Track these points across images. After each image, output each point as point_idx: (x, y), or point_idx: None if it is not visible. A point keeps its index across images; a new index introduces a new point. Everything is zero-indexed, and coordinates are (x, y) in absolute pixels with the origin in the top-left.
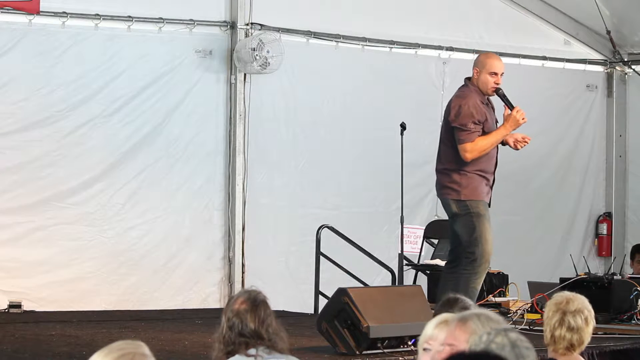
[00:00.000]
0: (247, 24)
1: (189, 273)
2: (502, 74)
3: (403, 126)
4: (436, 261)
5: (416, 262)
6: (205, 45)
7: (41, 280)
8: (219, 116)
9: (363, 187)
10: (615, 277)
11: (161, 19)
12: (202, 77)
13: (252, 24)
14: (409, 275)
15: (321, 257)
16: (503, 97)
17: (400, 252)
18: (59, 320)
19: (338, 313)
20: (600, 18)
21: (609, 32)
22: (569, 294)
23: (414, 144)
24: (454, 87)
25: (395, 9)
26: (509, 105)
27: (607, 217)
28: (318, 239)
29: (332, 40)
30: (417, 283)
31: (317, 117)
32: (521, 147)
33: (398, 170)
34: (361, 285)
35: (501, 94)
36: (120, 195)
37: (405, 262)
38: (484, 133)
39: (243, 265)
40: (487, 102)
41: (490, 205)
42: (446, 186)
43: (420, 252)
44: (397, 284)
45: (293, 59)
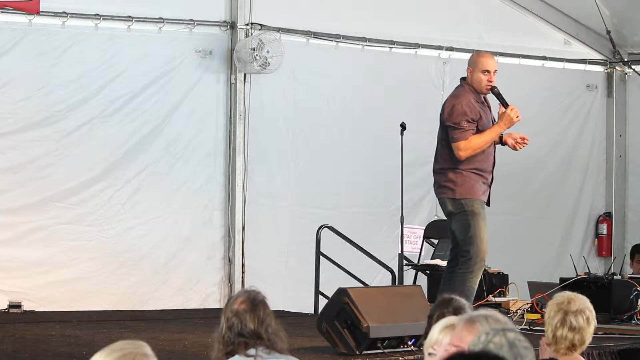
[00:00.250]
0: (247, 24)
1: (189, 273)
2: (495, 71)
3: (403, 126)
4: (436, 261)
5: (416, 262)
6: (205, 45)
7: (41, 280)
8: (219, 116)
9: (363, 187)
10: (615, 277)
11: (161, 19)
12: (202, 77)
13: (252, 24)
14: (409, 275)
15: (321, 257)
16: (498, 96)
17: (400, 252)
18: (59, 320)
19: (338, 313)
20: (600, 18)
21: (609, 32)
22: (571, 293)
23: (414, 144)
24: (454, 87)
25: (395, 9)
26: (504, 104)
27: (607, 217)
28: (318, 239)
29: (332, 40)
30: (417, 283)
31: (317, 117)
32: (520, 148)
33: (398, 170)
34: (361, 285)
35: (496, 92)
36: (120, 195)
37: (405, 262)
38: (478, 131)
39: (243, 265)
40: (483, 101)
41: (489, 204)
42: (442, 185)
43: (420, 252)
44: (397, 284)
45: (293, 59)
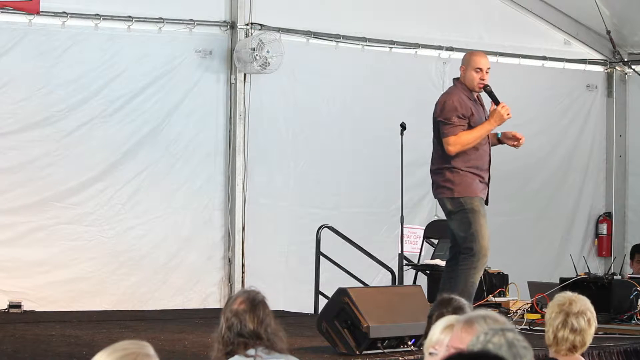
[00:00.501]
0: (247, 24)
1: (189, 273)
2: (488, 70)
3: (403, 126)
4: (436, 261)
5: (416, 262)
6: (205, 45)
7: (41, 280)
8: (219, 116)
9: (363, 187)
10: (615, 277)
11: (161, 19)
12: (202, 77)
13: (252, 24)
14: (409, 275)
15: (321, 257)
16: (490, 94)
17: (400, 252)
18: (59, 320)
19: (338, 313)
20: (600, 18)
21: (609, 32)
22: (571, 294)
23: (413, 144)
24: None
25: (395, 9)
26: (495, 101)
27: (607, 217)
28: (318, 239)
29: (332, 40)
30: (417, 283)
31: (317, 117)
32: (520, 145)
33: (398, 170)
34: (361, 285)
35: (488, 90)
36: (120, 195)
37: (405, 262)
38: (470, 128)
39: (243, 265)
40: (476, 99)
41: (487, 203)
42: (440, 185)
43: (420, 252)
44: (397, 284)
45: (293, 59)
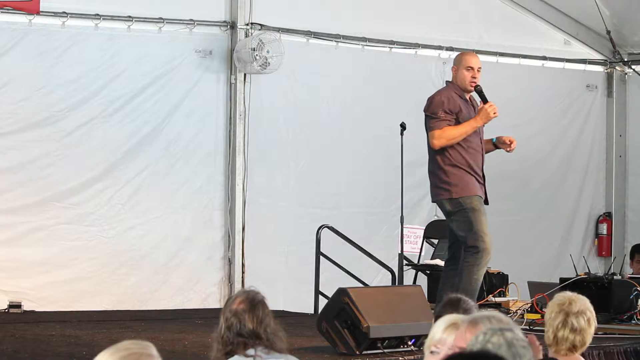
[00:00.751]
0: (247, 24)
1: (189, 273)
2: (479, 69)
3: (403, 126)
4: (436, 261)
5: (416, 262)
6: (205, 45)
7: (41, 280)
8: (219, 116)
9: (363, 187)
10: (615, 277)
11: (161, 19)
12: (202, 77)
13: (252, 24)
14: (409, 275)
15: (321, 257)
16: (480, 93)
17: (400, 252)
18: (59, 320)
19: (338, 313)
20: (600, 18)
21: (609, 32)
22: (571, 294)
23: (413, 144)
24: None
25: (395, 9)
26: (484, 100)
27: (607, 217)
28: (318, 239)
29: (332, 40)
30: (417, 283)
31: (317, 117)
32: (513, 148)
33: (398, 170)
34: (361, 285)
35: (478, 89)
36: (120, 195)
37: (405, 262)
38: (458, 124)
39: (243, 265)
40: (467, 99)
41: (487, 202)
42: (437, 187)
43: (420, 252)
44: (397, 284)
45: (293, 59)
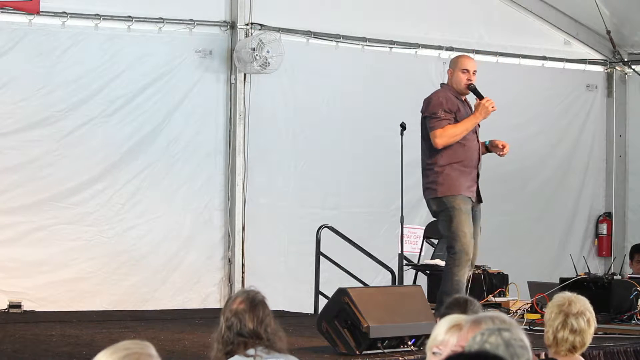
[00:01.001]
0: (247, 24)
1: (189, 273)
2: (475, 72)
3: (403, 126)
4: (436, 261)
5: (416, 262)
6: (205, 45)
7: (41, 280)
8: (219, 116)
9: (363, 187)
10: (615, 277)
11: (161, 19)
12: (202, 77)
13: (252, 24)
14: (409, 275)
15: (321, 257)
16: (474, 91)
17: (400, 252)
18: (59, 320)
19: (338, 313)
20: (600, 18)
21: (609, 32)
22: (571, 295)
23: (414, 144)
24: None
25: (395, 9)
26: (480, 97)
27: (607, 217)
28: (318, 239)
29: (332, 40)
30: (417, 283)
31: (317, 117)
32: (506, 153)
33: (398, 170)
34: (361, 285)
35: (472, 87)
36: (120, 195)
37: (405, 262)
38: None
39: (243, 265)
40: (463, 100)
41: (481, 200)
42: (426, 186)
43: (420, 252)
44: (397, 284)
45: (293, 59)
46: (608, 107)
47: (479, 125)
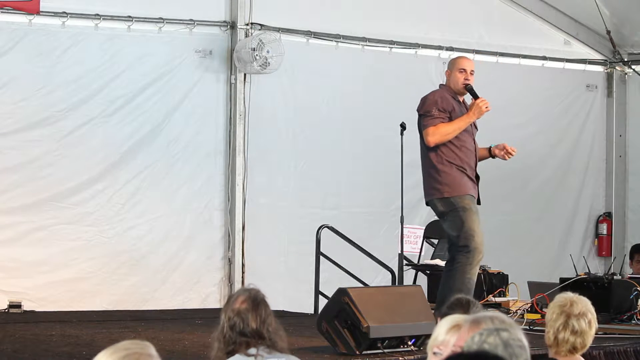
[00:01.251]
0: (247, 24)
1: (189, 273)
2: (472, 72)
3: (403, 126)
4: (436, 261)
5: (416, 262)
6: (205, 45)
7: (41, 280)
8: (219, 116)
9: (363, 187)
10: (615, 277)
11: (161, 19)
12: (202, 77)
13: (252, 24)
14: (409, 275)
15: (321, 257)
16: (470, 91)
17: (400, 252)
18: (59, 320)
19: (338, 313)
20: (600, 18)
21: (609, 32)
22: (572, 295)
23: (414, 144)
24: None
25: (395, 9)
26: (475, 97)
27: (607, 217)
28: (318, 239)
29: (332, 40)
30: (417, 283)
31: (317, 117)
32: (509, 157)
33: (398, 170)
34: (361, 285)
35: (469, 88)
36: (120, 195)
37: (405, 262)
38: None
39: (243, 265)
40: (460, 101)
41: (480, 202)
42: (430, 187)
43: (420, 252)
44: (397, 284)
45: (293, 59)
46: (608, 107)
47: (477, 128)
